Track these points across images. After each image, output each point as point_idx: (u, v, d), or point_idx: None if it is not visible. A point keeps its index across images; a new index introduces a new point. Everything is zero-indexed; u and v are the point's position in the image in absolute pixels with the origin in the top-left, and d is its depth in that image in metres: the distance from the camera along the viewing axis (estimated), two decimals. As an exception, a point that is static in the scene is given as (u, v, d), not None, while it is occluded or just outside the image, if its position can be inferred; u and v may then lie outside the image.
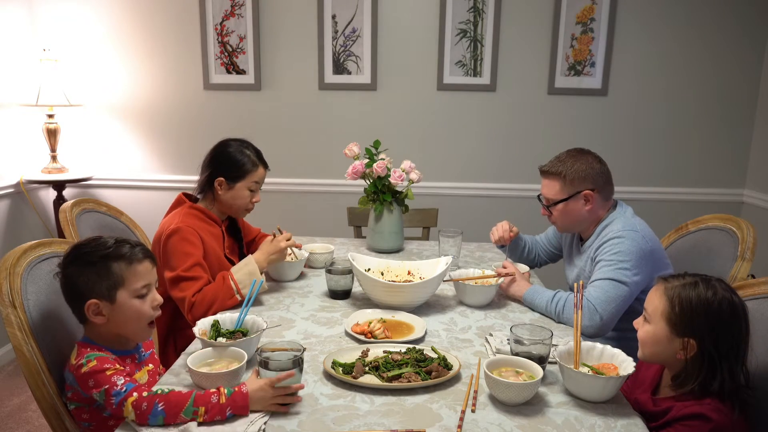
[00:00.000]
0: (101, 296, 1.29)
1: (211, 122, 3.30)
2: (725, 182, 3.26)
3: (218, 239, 1.94)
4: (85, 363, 1.23)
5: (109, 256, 1.30)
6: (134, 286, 1.31)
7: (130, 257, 1.31)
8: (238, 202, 1.96)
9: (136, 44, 3.25)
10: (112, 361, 1.25)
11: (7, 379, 2.92)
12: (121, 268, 1.30)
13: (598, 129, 3.21)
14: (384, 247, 2.36)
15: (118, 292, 1.29)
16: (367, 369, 1.32)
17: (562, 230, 1.99)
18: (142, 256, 1.33)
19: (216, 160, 1.96)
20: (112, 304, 1.29)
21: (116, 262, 1.30)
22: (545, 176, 1.90)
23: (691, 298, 1.26)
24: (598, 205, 1.84)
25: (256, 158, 1.98)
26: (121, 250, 1.31)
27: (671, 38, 3.10)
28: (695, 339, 1.24)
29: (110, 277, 1.29)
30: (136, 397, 1.14)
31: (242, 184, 1.94)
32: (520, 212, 3.30)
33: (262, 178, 2.00)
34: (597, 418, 1.19)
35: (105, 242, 1.32)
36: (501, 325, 1.66)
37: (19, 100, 3.07)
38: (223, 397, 1.15)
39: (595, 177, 1.83)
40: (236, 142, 1.99)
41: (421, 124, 3.26)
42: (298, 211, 3.36)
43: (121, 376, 1.20)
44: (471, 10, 3.10)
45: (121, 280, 1.30)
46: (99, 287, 1.29)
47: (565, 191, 1.84)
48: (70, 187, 3.32)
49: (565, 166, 1.83)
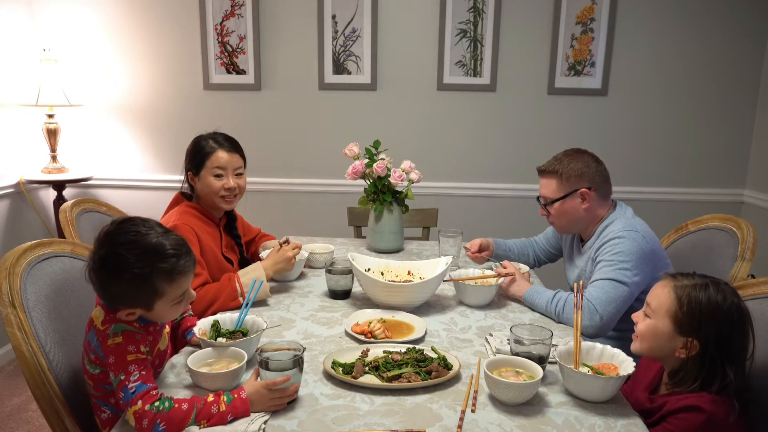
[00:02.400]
0: (138, 306, 1.22)
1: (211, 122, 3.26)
2: (725, 182, 3.26)
3: (215, 237, 1.94)
4: (111, 335, 1.20)
5: (152, 274, 1.19)
6: (174, 295, 1.25)
7: (172, 272, 1.22)
8: (208, 190, 1.91)
9: (136, 44, 3.25)
10: (137, 339, 1.21)
11: (7, 379, 2.92)
12: (163, 284, 1.21)
13: (598, 129, 3.21)
14: (384, 247, 2.36)
15: (156, 303, 1.23)
16: (367, 369, 1.32)
17: (561, 231, 1.99)
18: (185, 267, 1.24)
19: (186, 155, 1.97)
20: (148, 311, 1.24)
21: (158, 278, 1.20)
22: (543, 175, 1.91)
23: (701, 300, 1.25)
24: (596, 204, 1.84)
25: (215, 143, 1.93)
26: (164, 266, 1.20)
27: (671, 38, 3.10)
28: (699, 340, 1.24)
29: (151, 292, 1.21)
30: (139, 407, 1.12)
31: (205, 171, 1.91)
32: (519, 212, 3.30)
33: (226, 161, 1.91)
34: (597, 418, 1.19)
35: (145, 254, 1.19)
36: (501, 325, 1.66)
37: (19, 100, 3.07)
38: (223, 405, 1.15)
39: (592, 176, 1.83)
40: (206, 134, 1.97)
41: (421, 124, 3.26)
42: (298, 211, 3.36)
43: (137, 369, 1.17)
44: (471, 10, 3.10)
45: (161, 294, 1.22)
46: (137, 300, 1.21)
47: (561, 189, 1.84)
48: (70, 187, 3.32)
49: (562, 165, 1.85)
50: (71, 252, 1.57)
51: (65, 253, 1.56)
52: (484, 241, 2.17)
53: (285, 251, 1.87)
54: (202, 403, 1.14)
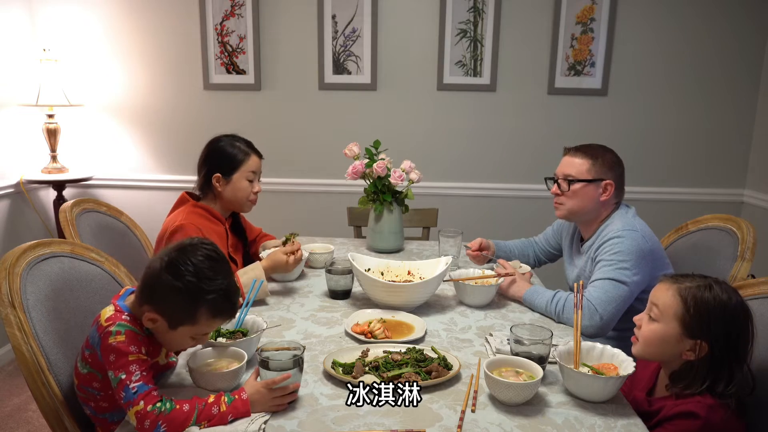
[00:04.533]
0: (167, 316, 1.21)
1: (211, 122, 3.30)
2: (725, 182, 3.26)
3: (222, 238, 1.95)
4: (114, 333, 1.18)
5: (206, 298, 1.18)
6: (202, 331, 1.23)
7: (220, 312, 1.22)
8: (239, 194, 1.97)
9: (136, 44, 3.25)
10: (139, 341, 1.20)
11: (7, 379, 2.92)
12: (202, 315, 1.20)
13: (598, 129, 3.20)
14: (384, 247, 2.36)
15: (182, 327, 1.21)
16: (367, 369, 1.32)
17: (566, 215, 1.90)
18: (227, 318, 1.25)
19: (209, 157, 1.98)
20: (169, 329, 1.22)
21: (207, 305, 1.19)
22: (575, 155, 1.88)
23: (707, 300, 1.24)
24: (609, 201, 1.85)
25: (247, 148, 1.99)
26: (218, 301, 1.19)
27: (671, 38, 3.10)
28: (708, 341, 1.23)
29: (187, 313, 1.20)
30: (141, 407, 1.11)
31: (238, 175, 1.96)
32: (519, 212, 3.30)
33: (257, 166, 2.01)
34: (597, 418, 1.19)
35: (215, 279, 1.19)
36: (501, 325, 1.66)
37: (19, 100, 3.07)
38: (224, 406, 1.15)
39: (618, 175, 1.86)
40: (227, 137, 2.01)
41: (421, 124, 3.26)
42: (298, 211, 3.36)
43: (138, 369, 1.16)
44: (471, 10, 3.10)
45: (193, 321, 1.20)
46: (172, 310, 1.20)
47: (592, 173, 1.84)
48: (70, 187, 3.32)
49: (599, 152, 1.86)
50: (71, 252, 1.57)
51: (65, 253, 1.56)
52: (485, 241, 2.16)
53: (280, 254, 1.86)
54: (203, 404, 1.14)
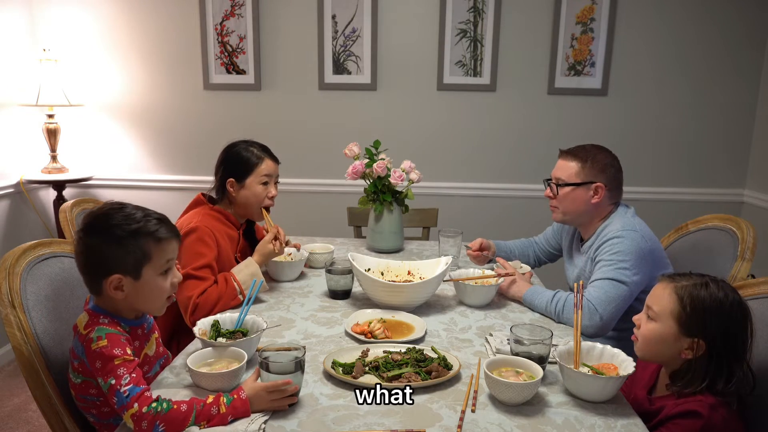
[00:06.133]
0: (126, 272, 1.24)
1: (211, 122, 3.31)
2: (725, 182, 3.26)
3: (234, 241, 1.96)
4: (95, 339, 1.19)
5: (139, 232, 1.24)
6: (160, 262, 1.27)
7: (158, 233, 1.26)
8: (253, 198, 1.96)
9: (136, 44, 3.25)
10: (123, 342, 1.20)
11: (7, 379, 2.92)
12: (150, 245, 1.25)
13: (598, 129, 3.20)
14: (384, 247, 2.36)
15: (144, 269, 1.25)
16: (367, 369, 1.32)
17: (561, 218, 1.93)
18: (170, 234, 1.29)
19: (223, 162, 1.98)
20: (136, 280, 1.25)
21: (145, 238, 1.24)
22: (565, 157, 1.89)
23: (703, 298, 1.24)
24: (603, 203, 1.85)
25: (261, 152, 1.98)
26: (150, 226, 1.25)
27: (671, 38, 3.10)
28: (705, 339, 1.24)
29: (138, 252, 1.24)
30: (136, 410, 1.11)
31: (252, 179, 1.95)
32: (519, 212, 3.30)
33: (272, 170, 1.99)
34: (597, 418, 1.19)
35: (133, 215, 1.26)
36: (501, 325, 1.66)
37: (19, 100, 3.07)
38: (223, 406, 1.14)
39: (612, 176, 1.85)
40: (242, 142, 2.01)
41: (421, 124, 3.26)
42: (298, 211, 3.36)
43: (126, 372, 1.16)
44: (471, 10, 3.10)
45: (148, 257, 1.25)
46: (125, 262, 1.23)
47: (581, 176, 1.84)
48: (70, 187, 3.32)
49: (590, 154, 1.86)
50: (71, 252, 1.57)
51: (65, 253, 1.56)
52: (485, 241, 2.16)
53: (265, 244, 1.88)
54: (202, 404, 1.14)
